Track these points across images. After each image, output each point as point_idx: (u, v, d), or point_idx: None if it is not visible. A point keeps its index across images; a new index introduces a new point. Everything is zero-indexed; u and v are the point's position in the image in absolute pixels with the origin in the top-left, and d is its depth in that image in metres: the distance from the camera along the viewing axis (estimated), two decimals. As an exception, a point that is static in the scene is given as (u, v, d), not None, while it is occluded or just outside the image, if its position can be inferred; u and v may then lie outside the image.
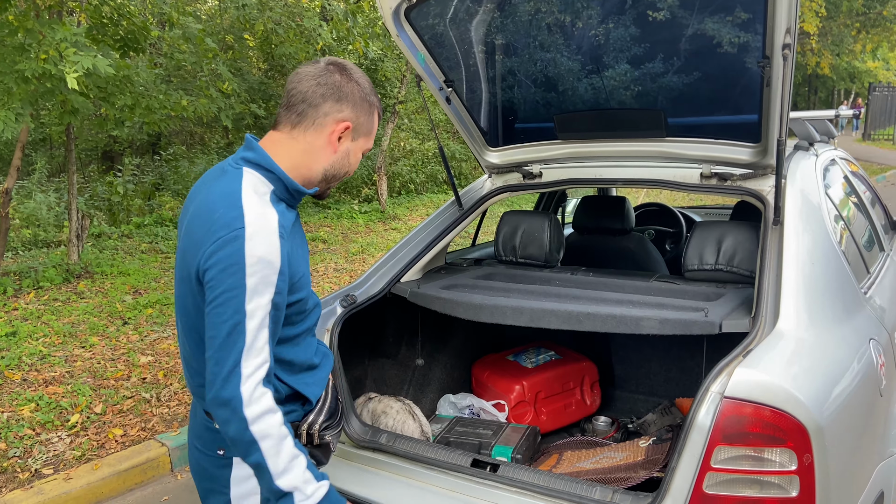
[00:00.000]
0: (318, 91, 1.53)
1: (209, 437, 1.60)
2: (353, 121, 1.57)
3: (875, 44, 19.92)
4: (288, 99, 1.55)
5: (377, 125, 1.66)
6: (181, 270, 1.52)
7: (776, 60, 2.00)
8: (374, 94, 1.62)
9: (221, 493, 1.60)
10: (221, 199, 1.44)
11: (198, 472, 1.68)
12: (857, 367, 2.00)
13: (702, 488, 1.68)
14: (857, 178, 3.51)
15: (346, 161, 1.61)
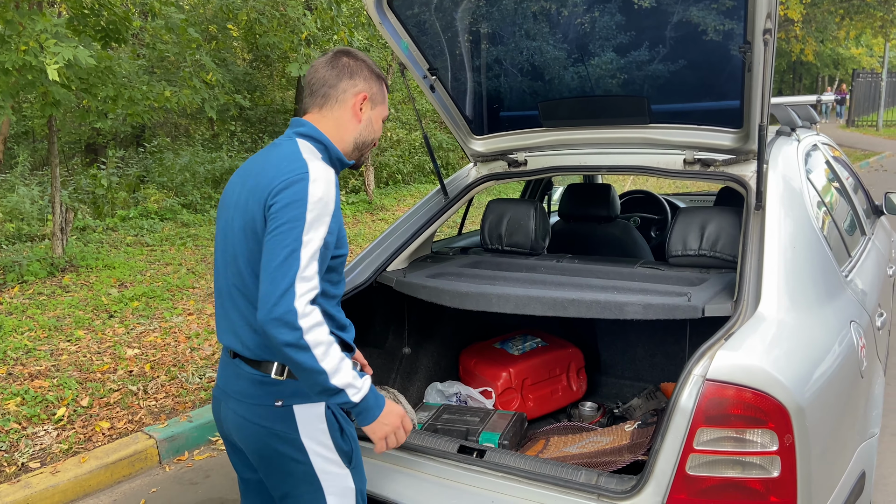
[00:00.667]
0: (333, 73, 1.79)
1: (263, 391, 1.70)
2: (367, 91, 1.82)
3: (859, 30, 20.00)
4: (310, 88, 1.81)
5: (386, 93, 1.89)
6: (241, 222, 1.68)
7: (757, 46, 2.01)
8: (378, 68, 1.87)
9: (288, 443, 1.70)
10: (284, 157, 1.67)
11: (255, 438, 1.72)
12: (837, 350, 2.03)
13: (685, 470, 1.70)
14: (839, 163, 3.54)
15: (370, 128, 1.85)
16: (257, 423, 1.72)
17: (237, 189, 1.75)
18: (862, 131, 25.13)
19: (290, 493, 1.77)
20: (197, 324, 5.26)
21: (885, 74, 26.62)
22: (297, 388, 1.70)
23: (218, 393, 1.85)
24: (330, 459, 1.74)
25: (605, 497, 1.81)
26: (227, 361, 1.80)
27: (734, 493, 1.70)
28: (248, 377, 1.73)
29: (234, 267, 1.71)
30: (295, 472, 1.73)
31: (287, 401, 1.70)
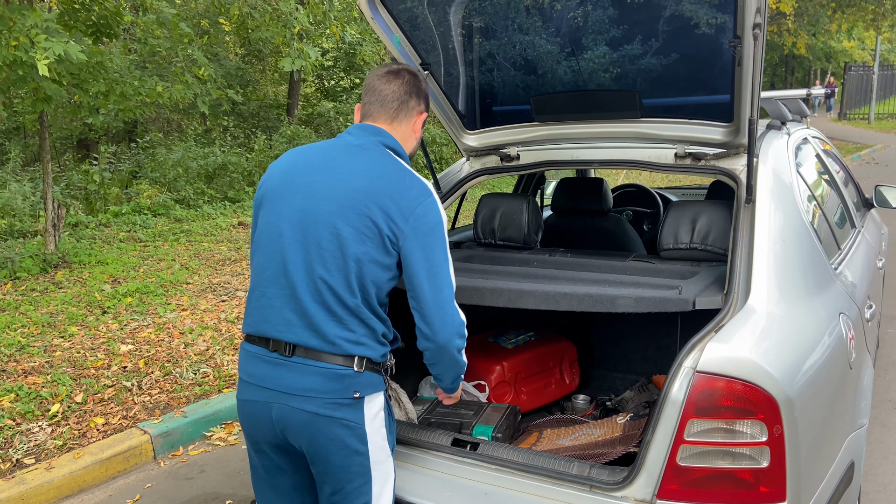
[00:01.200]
0: (403, 89, 1.92)
1: (342, 384, 1.75)
2: (426, 111, 2.00)
3: (850, 23, 20.06)
4: (381, 99, 1.91)
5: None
6: (348, 220, 1.73)
7: (747, 40, 2.02)
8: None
9: (354, 433, 1.77)
10: (399, 171, 1.81)
11: (323, 434, 1.76)
12: (827, 341, 2.05)
13: (675, 461, 1.72)
14: (830, 156, 3.56)
15: (417, 143, 2.04)
16: (329, 416, 1.75)
17: (326, 180, 1.78)
18: (854, 124, 25.23)
19: (342, 488, 1.81)
20: (191, 319, 5.26)
21: (877, 67, 26.73)
22: (370, 380, 1.80)
23: (261, 396, 1.79)
24: (383, 448, 1.84)
25: (598, 488, 1.83)
26: (278, 361, 1.77)
27: (724, 484, 1.72)
28: (323, 373, 1.74)
29: (324, 261, 1.73)
30: (352, 464, 1.79)
31: (363, 391, 1.78)
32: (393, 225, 1.74)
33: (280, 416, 1.78)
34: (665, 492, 1.74)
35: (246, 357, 1.86)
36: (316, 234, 1.75)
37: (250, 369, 1.83)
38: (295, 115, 15.47)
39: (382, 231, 1.74)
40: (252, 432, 1.87)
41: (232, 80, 15.04)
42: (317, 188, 1.78)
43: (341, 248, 1.73)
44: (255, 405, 1.81)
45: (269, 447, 1.87)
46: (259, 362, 1.81)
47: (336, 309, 1.75)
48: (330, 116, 14.28)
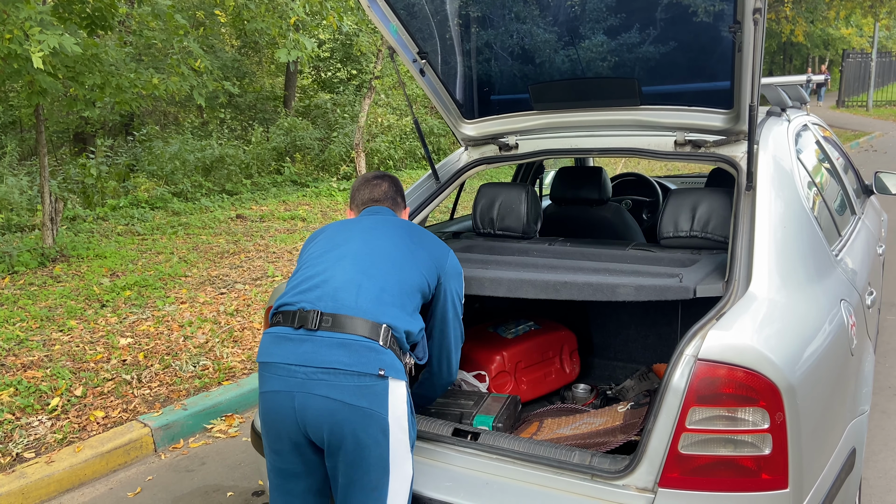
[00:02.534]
0: (394, 189, 2.34)
1: (371, 358, 1.77)
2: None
3: (848, 10, 19.96)
4: (384, 195, 2.31)
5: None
6: (414, 258, 2.02)
7: (747, 25, 2.00)
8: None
9: (378, 420, 1.76)
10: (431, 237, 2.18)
11: (341, 419, 1.75)
12: (828, 328, 2.04)
13: (677, 449, 1.72)
14: (830, 143, 3.55)
15: None
16: (352, 405, 1.74)
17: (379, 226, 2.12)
18: (852, 111, 25.18)
19: (358, 482, 1.79)
20: (190, 312, 5.25)
21: (875, 54, 26.63)
22: (394, 362, 1.81)
23: (285, 385, 1.80)
24: (404, 443, 1.82)
25: (599, 477, 1.83)
26: (304, 338, 1.79)
27: (726, 471, 1.71)
28: (354, 344, 1.76)
29: (393, 256, 2.00)
30: (371, 457, 1.77)
31: (388, 371, 1.78)
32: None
33: (303, 406, 1.77)
34: (667, 479, 1.73)
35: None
36: (396, 245, 2.13)
37: (282, 354, 1.85)
38: (292, 107, 15.41)
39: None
40: (273, 429, 1.85)
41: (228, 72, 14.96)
42: (385, 231, 2.15)
43: (396, 255, 2.09)
44: (279, 397, 1.81)
45: (290, 446, 1.85)
46: (289, 344, 1.86)
47: (379, 294, 1.94)
48: (327, 108, 14.22)
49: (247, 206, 9.90)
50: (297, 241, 7.61)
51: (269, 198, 10.52)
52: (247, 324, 5.02)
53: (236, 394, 4.01)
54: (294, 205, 9.97)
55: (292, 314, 1.84)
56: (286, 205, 9.97)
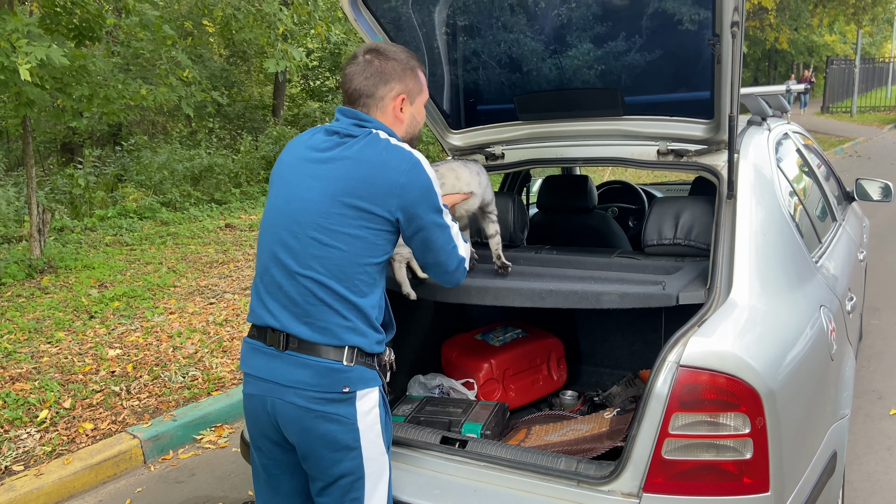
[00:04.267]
0: (368, 82, 1.84)
1: (333, 378, 1.75)
2: (404, 91, 1.88)
3: (832, 17, 20.26)
4: (348, 98, 1.88)
5: (425, 78, 1.97)
6: (333, 201, 1.75)
7: (725, 38, 2.04)
8: (412, 57, 1.93)
9: (349, 428, 1.76)
10: (384, 150, 1.77)
11: (314, 429, 1.77)
12: (808, 333, 2.08)
13: (661, 454, 1.75)
14: (811, 151, 3.61)
15: (414, 122, 1.95)
16: (319, 410, 1.75)
17: (312, 166, 1.88)
18: (836, 118, 25.45)
19: (335, 485, 1.81)
20: (179, 322, 5.25)
21: (859, 61, 26.97)
22: (361, 375, 1.78)
23: (259, 389, 1.83)
24: (377, 445, 1.82)
25: (585, 483, 1.85)
26: (275, 355, 1.80)
27: (709, 475, 1.75)
28: (316, 366, 1.75)
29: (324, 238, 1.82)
30: (345, 460, 1.79)
31: (353, 387, 1.77)
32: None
33: (275, 410, 1.81)
34: (651, 485, 1.76)
35: None
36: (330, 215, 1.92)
37: (255, 364, 1.87)
38: (281, 116, 15.42)
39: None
40: (254, 428, 1.90)
41: (217, 82, 14.98)
42: (316, 174, 1.93)
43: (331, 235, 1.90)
44: (254, 400, 1.85)
45: (270, 444, 1.89)
46: (260, 357, 1.86)
47: (329, 297, 1.84)
48: (316, 117, 14.25)
49: (236, 215, 9.90)
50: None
51: (258, 207, 10.52)
52: (236, 334, 5.02)
53: (226, 404, 4.01)
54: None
55: (262, 331, 1.83)
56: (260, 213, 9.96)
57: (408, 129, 1.92)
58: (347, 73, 1.88)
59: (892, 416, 3.77)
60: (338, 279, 1.74)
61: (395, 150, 1.77)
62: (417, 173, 1.77)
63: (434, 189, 1.80)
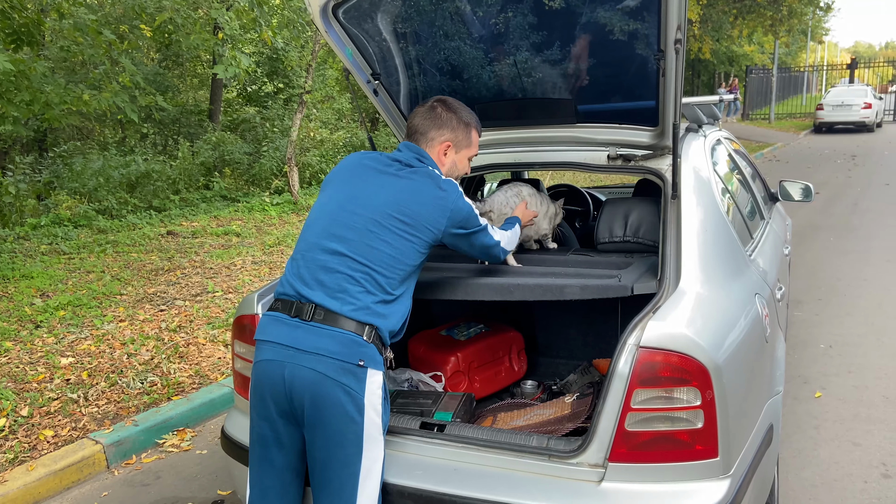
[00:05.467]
0: (426, 122, 2.27)
1: (352, 349, 1.98)
2: (451, 140, 2.28)
3: (751, 29, 21.28)
4: (407, 130, 2.32)
5: (476, 138, 2.37)
6: (393, 208, 2.10)
7: (669, 53, 2.27)
8: (472, 116, 2.35)
9: (354, 402, 1.96)
10: (440, 182, 2.16)
11: (326, 393, 1.96)
12: (746, 318, 2.33)
13: (624, 427, 1.94)
14: (740, 155, 3.92)
15: (454, 168, 2.33)
16: (334, 379, 1.95)
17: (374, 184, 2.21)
18: (756, 124, 26.78)
19: (333, 456, 1.97)
20: (130, 330, 5.21)
21: (776, 70, 28.45)
22: (374, 355, 2.01)
23: (279, 355, 2.00)
24: (377, 426, 2.01)
25: (556, 457, 2.04)
26: (298, 325, 2.00)
27: (666, 445, 1.95)
28: (340, 336, 1.98)
29: (373, 243, 2.10)
30: (347, 432, 1.96)
31: (367, 363, 1.98)
32: None
33: (293, 375, 1.97)
34: (616, 455, 1.96)
35: None
36: (374, 228, 2.22)
37: (276, 332, 2.08)
38: (219, 121, 15.20)
39: None
40: (264, 394, 2.03)
41: (149, 86, 14.65)
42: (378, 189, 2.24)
43: (380, 240, 2.18)
44: (270, 365, 2.02)
45: (276, 413, 2.02)
46: (285, 326, 2.07)
47: (371, 282, 2.12)
48: (255, 122, 14.12)
49: (177, 222, 9.76)
50: (233, 257, 7.59)
51: (199, 213, 10.39)
52: (191, 339, 5.03)
53: (187, 408, 4.04)
54: (226, 220, 9.89)
55: (290, 304, 2.05)
56: (218, 220, 9.89)
57: (448, 172, 2.29)
58: (414, 111, 2.31)
59: (817, 399, 4.12)
60: (380, 269, 2.04)
61: (446, 182, 2.17)
62: (463, 201, 2.19)
63: (474, 211, 2.23)
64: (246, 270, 7.03)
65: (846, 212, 10.01)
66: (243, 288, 6.37)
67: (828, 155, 17.59)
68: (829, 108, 23.96)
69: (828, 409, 3.97)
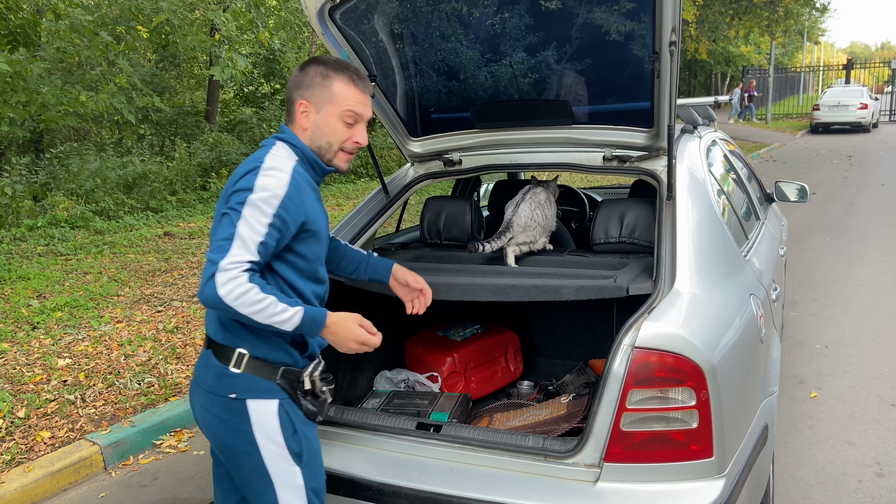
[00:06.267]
0: (289, 87, 1.96)
1: (221, 382, 1.83)
2: (307, 98, 1.90)
3: (747, 29, 21.35)
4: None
5: (343, 88, 1.89)
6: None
7: (664, 55, 2.28)
8: (333, 66, 1.90)
9: (240, 435, 1.82)
10: (252, 156, 1.85)
11: (214, 429, 1.87)
12: (741, 318, 2.34)
13: (619, 427, 1.95)
14: (735, 156, 3.94)
15: (320, 132, 1.91)
16: (215, 414, 1.84)
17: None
18: (752, 125, 26.81)
19: (245, 484, 1.92)
20: (127, 331, 5.21)
21: (772, 70, 28.50)
22: (251, 384, 1.81)
23: (192, 383, 1.98)
24: (280, 455, 1.85)
25: (552, 457, 2.05)
26: (203, 351, 1.94)
27: (661, 444, 1.96)
28: (213, 368, 1.86)
29: None
30: (246, 464, 1.86)
31: (241, 394, 1.81)
32: None
33: (193, 405, 1.97)
34: (611, 455, 1.97)
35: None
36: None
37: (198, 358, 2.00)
38: (216, 122, 15.20)
39: None
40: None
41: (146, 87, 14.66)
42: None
43: None
44: (190, 392, 2.00)
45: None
46: (201, 352, 1.98)
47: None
48: (252, 123, 14.12)
49: (174, 223, 9.76)
50: (230, 258, 7.57)
51: (196, 214, 10.39)
52: (188, 340, 5.03)
53: (184, 409, 4.04)
54: (223, 221, 9.87)
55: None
56: (210, 220, 9.87)
57: (313, 139, 1.91)
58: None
59: (812, 399, 4.14)
60: None
61: (255, 156, 1.83)
62: (251, 176, 1.76)
63: (248, 186, 1.73)
64: (243, 271, 7.02)
65: (842, 212, 10.04)
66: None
67: (824, 155, 17.64)
68: (825, 108, 24.01)
69: (823, 409, 3.99)
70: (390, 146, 14.79)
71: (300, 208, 1.80)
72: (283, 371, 1.86)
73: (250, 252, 1.69)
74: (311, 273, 1.93)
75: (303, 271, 1.90)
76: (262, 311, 1.68)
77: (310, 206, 1.85)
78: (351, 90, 1.90)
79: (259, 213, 1.71)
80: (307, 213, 1.83)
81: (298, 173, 1.83)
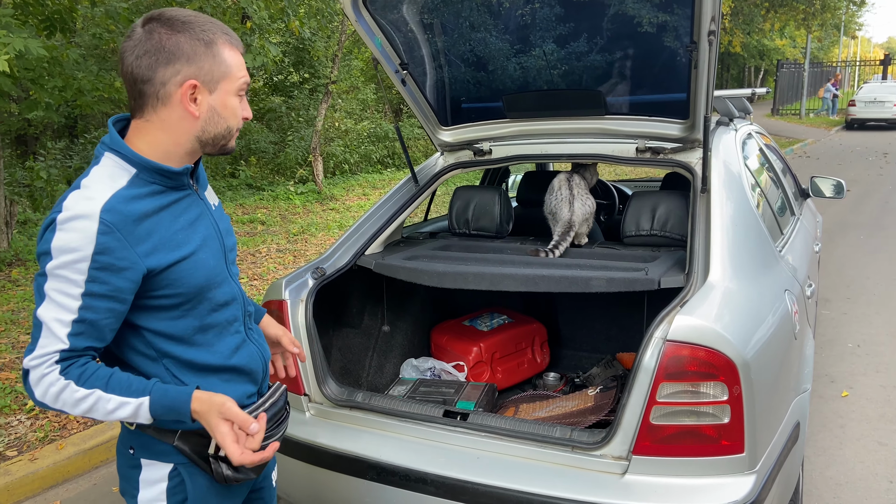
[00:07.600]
0: (144, 62, 1.36)
1: (124, 435, 1.54)
2: (195, 74, 1.38)
3: (783, 22, 20.93)
4: (125, 84, 1.41)
5: (232, 55, 1.44)
6: None
7: (703, 45, 2.25)
8: (209, 28, 1.40)
9: (132, 495, 1.53)
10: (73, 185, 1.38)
11: (119, 472, 1.59)
12: (775, 314, 2.30)
13: (649, 420, 1.94)
14: (770, 150, 3.87)
15: (217, 118, 1.44)
16: (119, 464, 1.57)
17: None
18: (786, 119, 26.34)
19: None
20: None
21: (808, 65, 27.93)
22: (145, 442, 1.49)
23: None
24: None
25: (579, 449, 2.04)
26: None
27: (691, 439, 1.94)
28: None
29: None
30: None
31: (136, 452, 1.50)
32: None
33: None
34: (640, 448, 1.95)
35: None
36: None
37: None
38: (246, 111, 15.27)
39: None
40: None
41: (179, 75, 14.77)
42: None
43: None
44: None
45: None
46: None
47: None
48: (282, 112, 14.20)
49: (205, 208, 9.85)
50: (258, 245, 7.66)
51: (225, 201, 10.49)
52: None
53: (212, 392, 4.09)
54: (252, 208, 9.98)
55: None
56: (244, 208, 9.97)
57: (206, 129, 1.43)
58: (121, 51, 1.40)
59: (843, 398, 4.07)
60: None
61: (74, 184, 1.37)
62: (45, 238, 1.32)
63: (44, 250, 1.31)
64: (270, 258, 7.10)
65: (877, 210, 9.82)
66: (268, 275, 6.42)
67: (859, 152, 17.26)
68: (861, 104, 23.47)
69: (854, 409, 3.92)
70: (416, 136, 14.80)
71: (128, 259, 1.33)
72: (182, 433, 1.46)
73: (59, 339, 1.31)
74: (195, 310, 1.46)
75: (182, 312, 1.45)
76: (94, 410, 1.34)
77: (154, 241, 1.38)
78: (237, 55, 1.46)
79: (65, 285, 1.30)
80: (149, 254, 1.36)
81: (123, 203, 1.34)
